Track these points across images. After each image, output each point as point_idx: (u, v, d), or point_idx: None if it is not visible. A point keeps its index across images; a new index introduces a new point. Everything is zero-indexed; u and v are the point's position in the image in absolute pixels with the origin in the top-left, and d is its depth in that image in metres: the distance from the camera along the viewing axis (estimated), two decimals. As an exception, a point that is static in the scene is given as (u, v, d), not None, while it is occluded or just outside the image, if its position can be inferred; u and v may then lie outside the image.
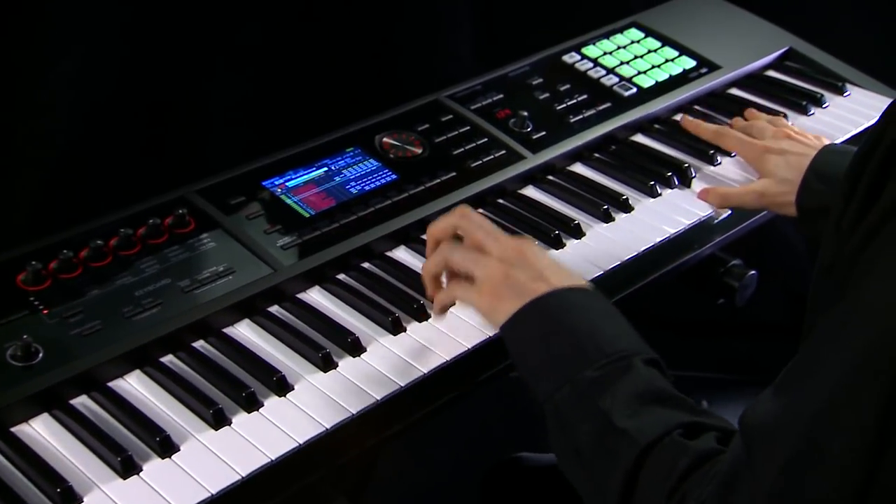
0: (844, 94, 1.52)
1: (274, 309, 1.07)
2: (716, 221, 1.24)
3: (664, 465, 0.78)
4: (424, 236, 1.17)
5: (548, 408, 0.87)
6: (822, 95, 1.50)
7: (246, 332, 1.04)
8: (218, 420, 0.93)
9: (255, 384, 0.97)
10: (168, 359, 1.00)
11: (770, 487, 0.69)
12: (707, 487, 0.74)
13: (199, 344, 1.02)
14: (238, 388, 0.96)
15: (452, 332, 1.05)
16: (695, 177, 1.33)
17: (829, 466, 0.66)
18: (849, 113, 1.48)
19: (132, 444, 0.91)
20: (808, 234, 1.18)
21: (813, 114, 1.47)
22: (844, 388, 0.66)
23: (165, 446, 0.90)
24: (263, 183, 1.19)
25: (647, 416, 0.81)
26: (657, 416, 0.82)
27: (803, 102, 1.48)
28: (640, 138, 1.42)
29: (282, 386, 0.97)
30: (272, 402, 0.96)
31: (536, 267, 0.94)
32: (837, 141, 1.40)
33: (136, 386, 0.97)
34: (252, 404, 0.95)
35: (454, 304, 1.03)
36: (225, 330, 1.04)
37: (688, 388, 0.96)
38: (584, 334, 0.88)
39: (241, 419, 0.94)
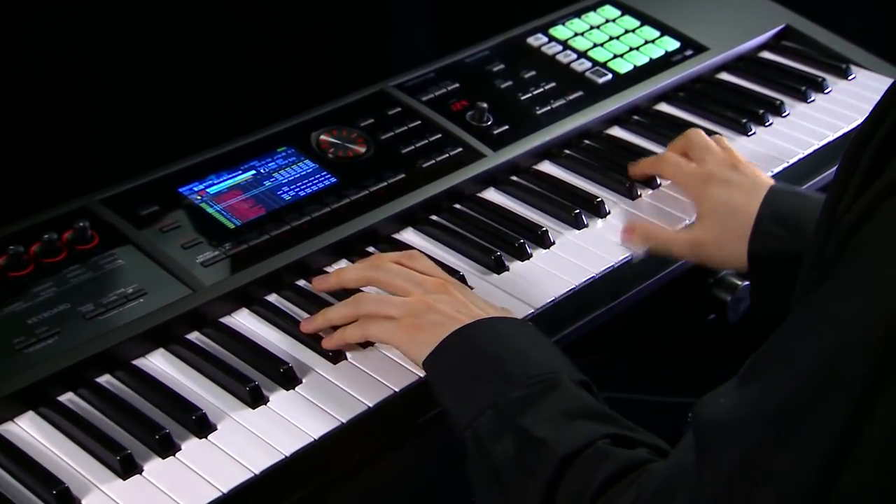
0: (849, 78, 1.53)
1: (193, 336, 1.07)
2: (634, 261, 1.19)
3: (586, 474, 0.81)
4: (370, 248, 1.19)
5: (468, 436, 0.91)
6: (824, 79, 1.52)
7: (160, 363, 1.04)
8: (127, 468, 0.92)
9: (170, 424, 0.96)
10: (67, 397, 0.99)
11: (716, 492, 0.70)
12: (639, 492, 0.76)
13: (105, 379, 1.01)
14: (151, 429, 0.95)
15: (402, 357, 1.05)
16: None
17: (785, 471, 0.67)
18: (854, 99, 1.49)
19: (25, 498, 0.89)
20: (764, 293, 1.12)
21: (813, 100, 1.49)
22: (816, 379, 0.66)
23: (65, 500, 0.89)
24: (180, 189, 1.19)
25: (570, 428, 0.85)
26: (582, 428, 0.85)
27: (802, 88, 1.49)
28: (616, 132, 1.42)
29: (203, 426, 0.96)
30: (191, 445, 0.95)
31: (462, 302, 1.01)
32: (842, 132, 1.42)
33: (29, 430, 0.96)
34: (167, 448, 0.94)
35: (350, 344, 1.05)
36: (135, 362, 1.03)
37: (678, 415, 0.97)
38: (510, 360, 0.94)
39: (154, 466, 0.93)
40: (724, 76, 1.54)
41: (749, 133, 1.42)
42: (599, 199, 1.27)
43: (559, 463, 0.83)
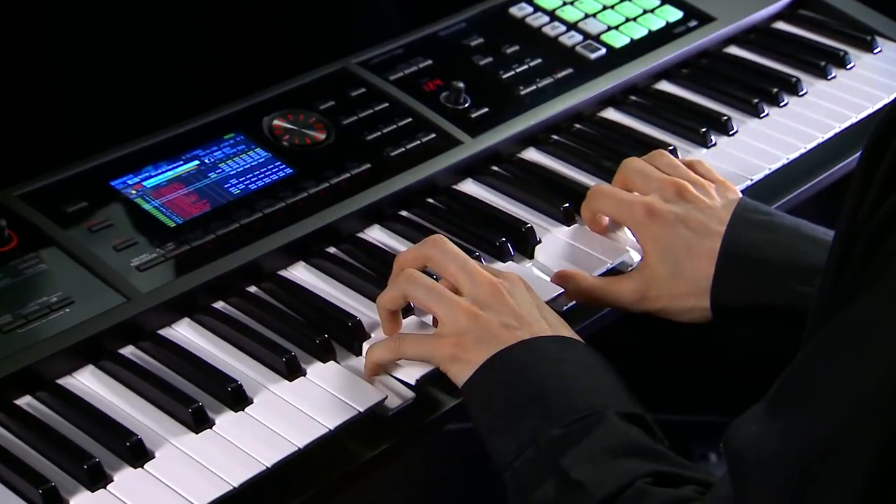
0: (874, 51, 1.55)
1: (128, 351, 1.06)
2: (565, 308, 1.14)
3: None
4: (330, 249, 1.18)
5: (508, 476, 0.93)
6: (846, 53, 1.52)
7: (89, 382, 1.03)
8: (51, 502, 0.91)
9: (101, 452, 0.96)
10: (-18, 422, 0.99)
11: None
12: None
13: (25, 401, 1.01)
14: (78, 458, 0.95)
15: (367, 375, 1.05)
16: (683, 162, 1.34)
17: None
18: (879, 74, 1.50)
19: (-67, 538, 0.89)
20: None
21: (834, 77, 1.50)
22: (856, 408, 0.69)
23: (-21, 540, 0.89)
24: (112, 183, 1.18)
25: (611, 468, 0.87)
26: (623, 467, 0.88)
27: (822, 63, 1.50)
28: (611, 114, 1.43)
29: (138, 453, 0.96)
30: (125, 476, 0.95)
31: (513, 311, 1.01)
32: (866, 112, 1.43)
33: (-62, 460, 0.96)
34: (98, 479, 0.94)
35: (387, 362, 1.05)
36: (61, 381, 1.03)
37: (688, 436, 0.98)
38: (554, 390, 0.95)
39: (82, 499, 0.93)
40: (733, 50, 1.55)
41: (762, 115, 1.42)
42: (592, 191, 1.27)
43: None
